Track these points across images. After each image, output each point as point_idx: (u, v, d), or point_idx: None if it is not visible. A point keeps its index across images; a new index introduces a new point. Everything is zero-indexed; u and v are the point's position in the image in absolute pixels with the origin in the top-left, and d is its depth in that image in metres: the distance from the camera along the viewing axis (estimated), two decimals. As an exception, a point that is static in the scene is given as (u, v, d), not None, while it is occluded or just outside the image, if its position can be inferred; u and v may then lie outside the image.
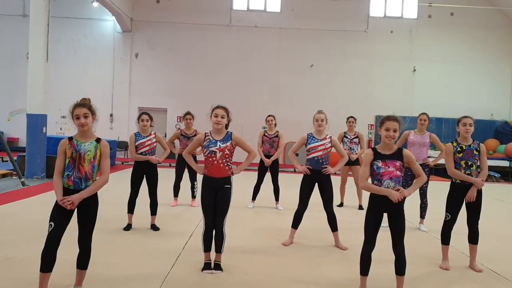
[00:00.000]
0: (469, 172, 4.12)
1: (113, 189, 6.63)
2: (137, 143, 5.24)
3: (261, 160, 6.97)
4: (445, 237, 4.29)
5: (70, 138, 3.09)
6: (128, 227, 5.25)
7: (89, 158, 3.04)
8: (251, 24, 16.29)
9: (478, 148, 4.15)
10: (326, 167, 4.74)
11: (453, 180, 4.24)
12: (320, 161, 4.75)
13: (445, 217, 4.27)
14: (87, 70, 16.15)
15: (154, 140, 5.34)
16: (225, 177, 3.84)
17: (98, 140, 3.11)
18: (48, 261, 2.89)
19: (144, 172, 5.29)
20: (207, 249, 3.92)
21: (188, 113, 6.83)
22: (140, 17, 16.22)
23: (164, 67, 16.27)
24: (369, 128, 16.39)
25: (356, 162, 7.26)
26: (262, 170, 7.03)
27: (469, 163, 4.12)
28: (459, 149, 4.16)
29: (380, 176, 3.32)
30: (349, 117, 7.55)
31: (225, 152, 3.82)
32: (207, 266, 3.88)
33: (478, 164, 4.14)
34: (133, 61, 16.33)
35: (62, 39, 15.80)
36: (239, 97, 15.89)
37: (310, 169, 4.79)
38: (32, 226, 5.06)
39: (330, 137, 4.87)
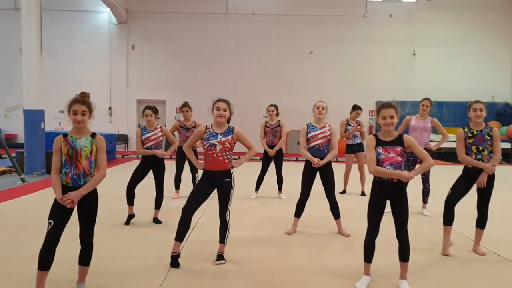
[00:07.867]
0: (481, 157, 4.05)
1: (114, 183, 6.60)
2: (143, 137, 5.20)
3: (265, 151, 6.90)
4: (447, 216, 4.16)
5: (65, 135, 3.03)
6: (129, 219, 5.18)
7: (85, 154, 2.99)
8: (248, 11, 16.09)
9: (491, 133, 4.07)
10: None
11: (465, 165, 4.19)
12: (321, 148, 4.74)
13: (448, 193, 4.20)
14: (83, 64, 16.01)
15: (160, 134, 5.28)
16: (224, 170, 3.79)
17: (93, 135, 3.06)
18: (46, 259, 2.85)
19: (151, 167, 5.25)
20: (177, 237, 3.72)
21: (185, 104, 6.69)
22: (135, 8, 16.02)
23: (162, 58, 16.11)
24: (370, 114, 16.30)
25: (361, 148, 7.22)
26: (266, 160, 6.95)
27: (481, 148, 4.06)
28: (470, 134, 4.10)
29: (381, 162, 3.28)
30: (357, 108, 7.30)
31: (225, 146, 3.77)
32: (172, 259, 3.71)
33: (491, 149, 4.07)
34: (129, 53, 16.17)
35: (57, 33, 15.64)
36: (238, 86, 15.78)
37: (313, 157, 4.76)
38: (33, 223, 5.05)
39: (330, 125, 4.84)
